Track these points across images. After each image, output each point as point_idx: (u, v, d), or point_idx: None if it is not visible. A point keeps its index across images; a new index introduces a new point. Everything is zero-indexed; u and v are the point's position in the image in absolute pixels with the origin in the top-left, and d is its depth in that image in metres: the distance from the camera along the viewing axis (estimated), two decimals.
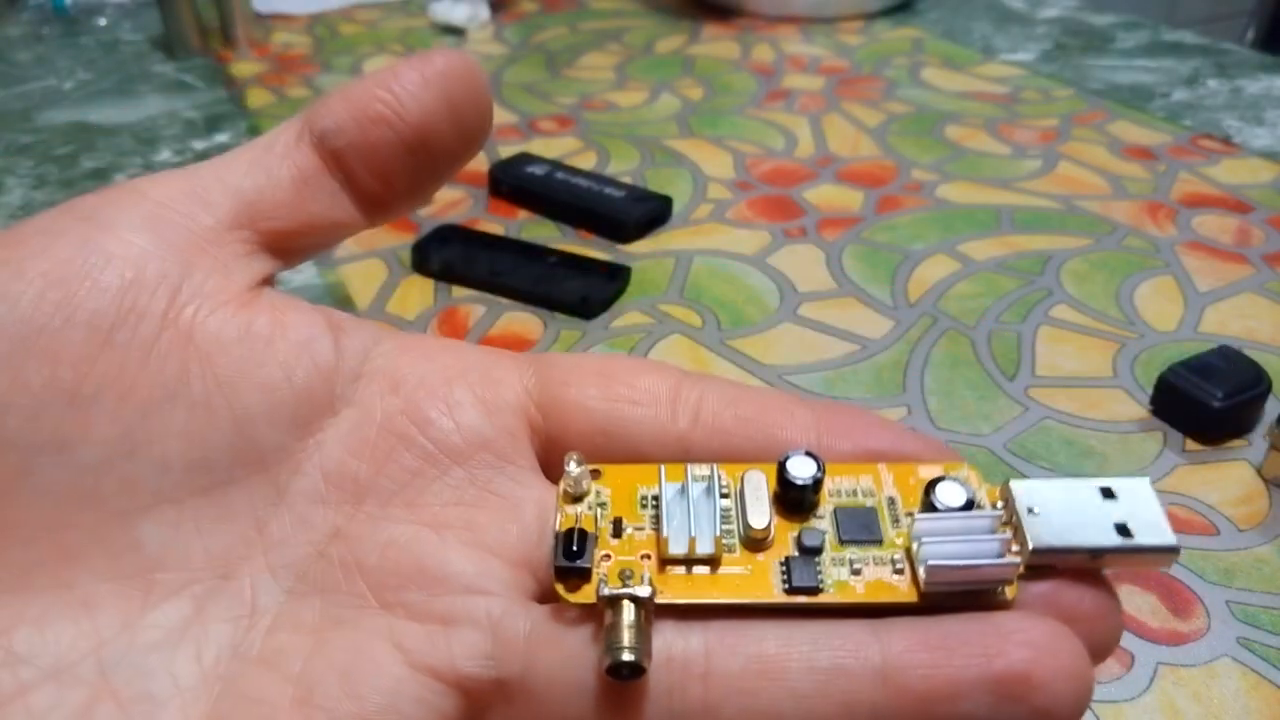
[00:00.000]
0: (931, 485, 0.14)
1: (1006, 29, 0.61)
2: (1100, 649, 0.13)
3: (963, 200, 0.40)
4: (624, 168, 0.43)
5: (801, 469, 0.14)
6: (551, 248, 0.36)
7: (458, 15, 0.61)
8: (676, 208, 0.40)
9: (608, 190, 0.39)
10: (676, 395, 0.15)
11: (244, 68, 0.56)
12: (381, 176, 0.16)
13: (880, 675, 0.12)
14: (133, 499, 0.14)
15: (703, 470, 0.15)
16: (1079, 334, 0.32)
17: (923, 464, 0.15)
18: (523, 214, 0.40)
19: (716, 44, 0.59)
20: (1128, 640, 0.21)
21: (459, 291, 0.34)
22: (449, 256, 0.35)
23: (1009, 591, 0.13)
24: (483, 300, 0.34)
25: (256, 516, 0.14)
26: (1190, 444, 0.27)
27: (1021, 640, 0.12)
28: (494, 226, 0.39)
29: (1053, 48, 0.57)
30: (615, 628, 0.13)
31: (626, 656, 0.12)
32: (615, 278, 0.34)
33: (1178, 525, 0.24)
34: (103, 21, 0.64)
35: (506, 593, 0.14)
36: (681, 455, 0.15)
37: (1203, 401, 0.26)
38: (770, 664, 0.13)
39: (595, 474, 0.15)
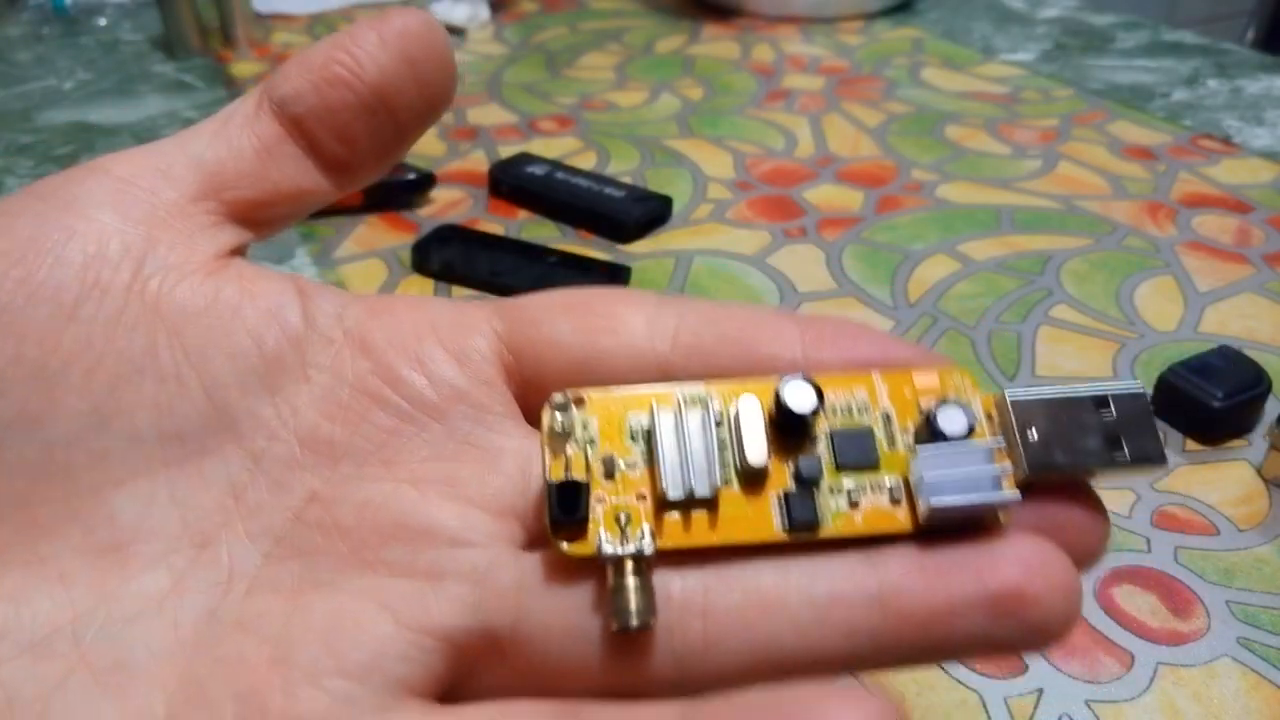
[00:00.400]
0: (933, 411, 0.14)
1: (1006, 29, 0.61)
2: (1088, 557, 0.14)
3: (963, 200, 0.40)
4: (624, 168, 0.43)
5: (800, 400, 0.14)
6: (551, 248, 0.36)
7: (457, 15, 0.61)
8: (676, 208, 0.40)
9: (608, 190, 0.39)
10: (654, 319, 0.15)
11: (244, 68, 0.56)
12: (344, 139, 0.16)
13: (878, 601, 0.13)
14: (106, 472, 0.14)
15: (693, 390, 0.14)
16: (1079, 334, 0.32)
17: (916, 371, 0.15)
18: (523, 214, 0.40)
19: (716, 44, 0.59)
20: (1128, 640, 0.21)
21: (459, 291, 0.34)
22: (449, 256, 0.35)
23: (1003, 517, 0.13)
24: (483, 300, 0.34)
25: (232, 484, 0.14)
26: (1190, 444, 0.27)
27: (1014, 559, 0.13)
28: (494, 226, 0.39)
29: (1053, 48, 0.57)
30: (620, 590, 0.12)
31: (634, 621, 0.12)
32: (615, 278, 0.34)
33: (1177, 525, 0.24)
34: (103, 21, 0.64)
35: (492, 544, 0.13)
36: (664, 380, 0.15)
37: (1203, 401, 0.26)
38: (768, 597, 0.13)
39: (579, 402, 0.14)
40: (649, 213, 0.38)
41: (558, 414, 0.14)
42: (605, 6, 0.67)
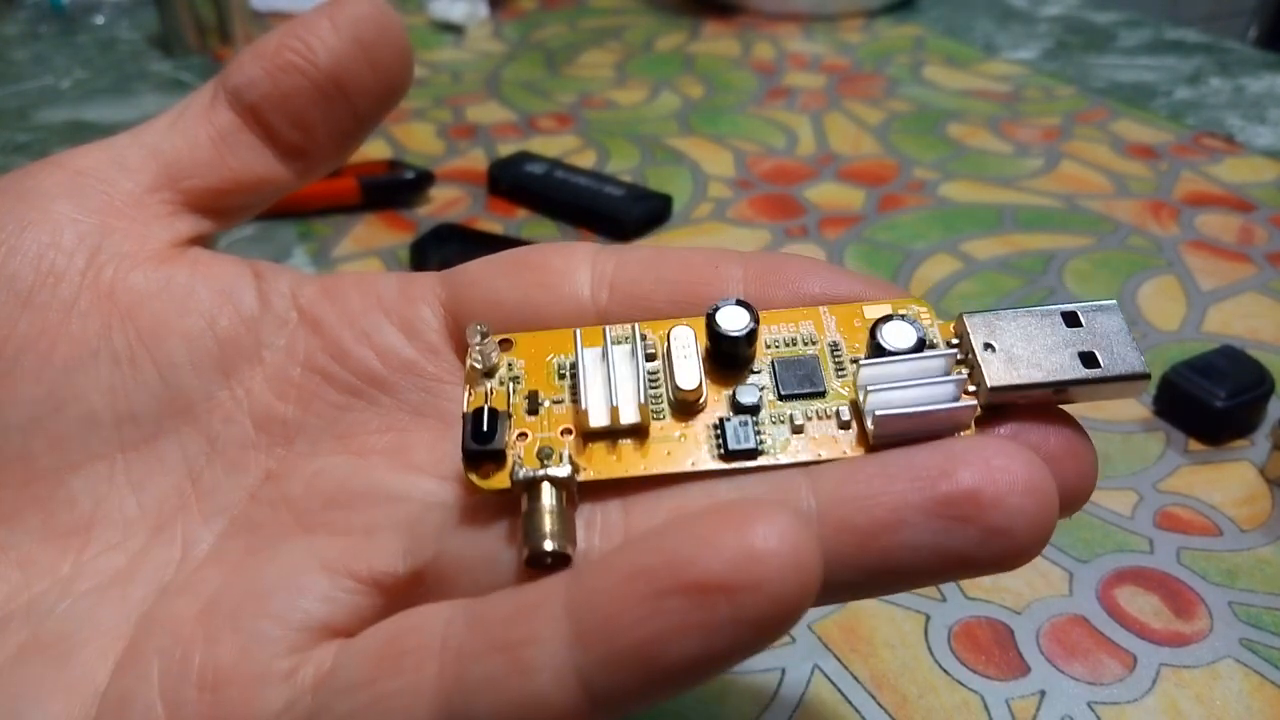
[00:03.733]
0: (877, 325, 0.13)
1: (1008, 27, 0.60)
2: (1073, 493, 0.12)
3: (965, 199, 0.40)
4: (624, 166, 0.43)
5: (732, 320, 0.13)
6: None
7: (456, 13, 0.61)
8: (677, 206, 0.40)
9: (607, 189, 0.39)
10: (590, 269, 0.15)
11: None
12: (300, 126, 0.16)
13: (814, 513, 0.11)
14: (63, 456, 0.14)
15: (623, 330, 0.13)
16: None
17: (869, 304, 0.13)
18: (522, 213, 0.40)
19: (717, 42, 0.59)
20: (1130, 641, 0.21)
21: None
22: (448, 255, 0.35)
23: (965, 434, 0.12)
24: None
25: (189, 467, 0.14)
26: (1193, 444, 0.27)
27: (971, 459, 0.11)
28: (493, 225, 0.39)
29: (1055, 46, 0.57)
30: (533, 514, 0.11)
31: (548, 545, 0.11)
32: None
33: (1180, 525, 0.24)
34: (100, 20, 0.64)
35: (430, 499, 0.13)
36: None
37: (1206, 401, 0.26)
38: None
39: (506, 345, 0.14)
40: (649, 211, 0.38)
41: (476, 347, 0.13)
42: (605, 4, 0.66)
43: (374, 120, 0.17)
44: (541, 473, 0.12)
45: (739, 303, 0.13)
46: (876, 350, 0.13)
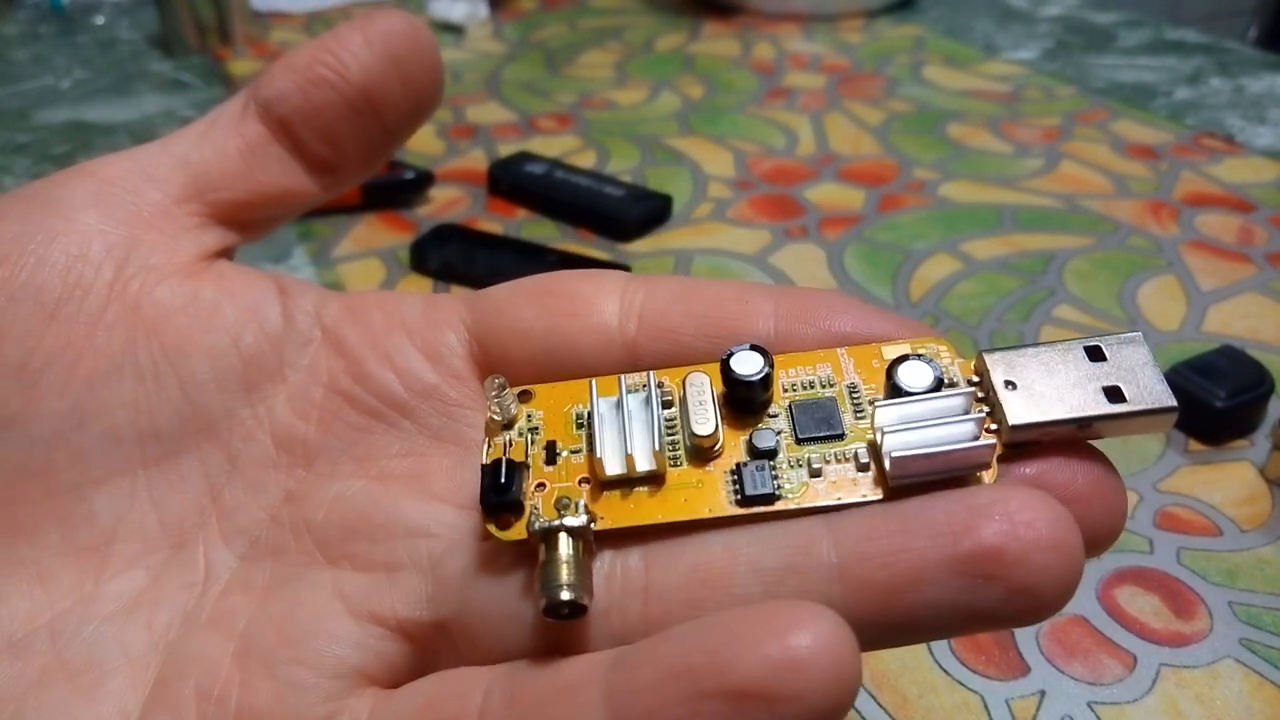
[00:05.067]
0: (894, 366, 0.12)
1: (1008, 27, 0.60)
2: (1102, 532, 0.12)
3: (965, 199, 0.40)
4: (624, 166, 0.43)
5: (746, 364, 0.12)
6: (551, 247, 0.36)
7: (456, 13, 0.61)
8: (676, 206, 0.40)
9: (607, 189, 0.39)
10: (619, 300, 0.14)
11: (242, 66, 0.56)
12: (329, 140, 0.16)
13: (836, 570, 0.11)
14: (85, 471, 0.14)
15: (639, 379, 0.13)
16: (1082, 333, 0.31)
17: (888, 344, 0.13)
18: (522, 213, 0.40)
19: (717, 42, 0.59)
20: (1130, 642, 0.21)
21: (458, 290, 0.34)
22: (448, 256, 0.35)
23: (987, 477, 0.12)
24: None
25: (210, 484, 0.14)
26: (1193, 444, 0.27)
27: (994, 513, 0.11)
28: (493, 225, 0.39)
29: (1055, 46, 0.57)
30: (550, 564, 0.11)
31: (564, 595, 0.11)
32: None
33: (1180, 525, 0.24)
34: (100, 20, 0.64)
35: (451, 534, 0.13)
36: (630, 363, 0.14)
37: (1206, 402, 0.26)
38: (714, 572, 0.12)
39: (526, 396, 0.14)
40: (649, 211, 0.38)
41: (494, 399, 0.13)
42: (605, 4, 0.66)
43: (403, 135, 0.17)
44: (557, 523, 0.12)
45: (753, 347, 0.13)
46: (894, 391, 0.12)
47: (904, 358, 0.13)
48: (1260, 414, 0.27)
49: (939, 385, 0.12)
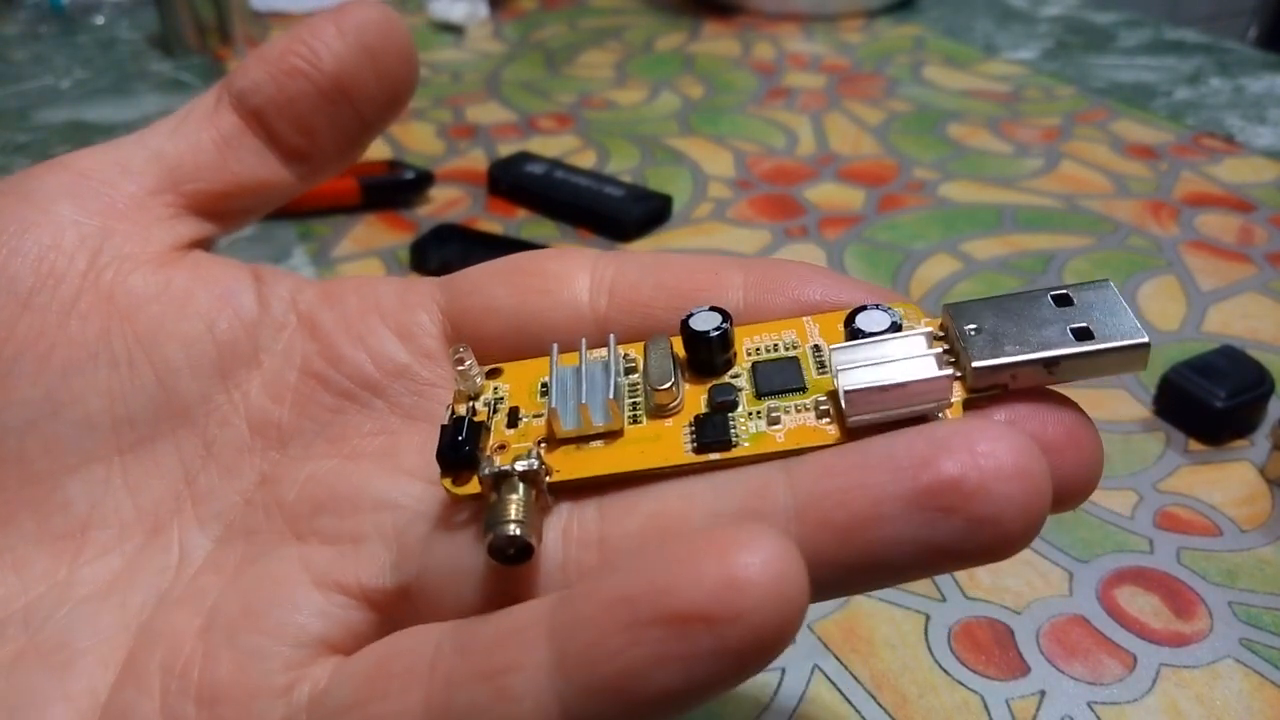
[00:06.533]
0: (853, 315, 0.12)
1: (1008, 27, 0.60)
2: (1077, 484, 0.11)
3: (965, 199, 0.40)
4: (624, 166, 0.43)
5: (704, 322, 0.12)
6: (551, 247, 0.36)
7: (456, 13, 0.61)
8: (677, 206, 0.40)
9: (607, 189, 0.39)
10: (589, 275, 0.14)
11: None
12: (304, 130, 0.16)
13: (793, 511, 0.11)
14: (59, 459, 0.14)
15: (601, 352, 0.13)
16: None
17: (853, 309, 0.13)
18: (522, 213, 0.40)
19: (717, 42, 0.59)
20: (1130, 642, 0.21)
21: None
22: (448, 255, 0.35)
23: (950, 416, 0.11)
24: None
25: (185, 470, 0.14)
26: (1193, 444, 0.27)
27: (954, 445, 0.10)
28: (493, 225, 0.39)
29: (1055, 46, 0.57)
30: (497, 503, 0.11)
31: (510, 530, 0.11)
32: None
33: (1180, 525, 0.24)
34: (100, 20, 0.64)
35: (418, 506, 0.13)
36: (602, 338, 0.14)
37: (1206, 402, 0.26)
38: (670, 520, 0.11)
39: (495, 373, 0.14)
40: (649, 211, 0.38)
41: (457, 370, 0.13)
42: (605, 4, 0.66)
43: (378, 126, 0.17)
44: (508, 467, 0.12)
45: (713, 309, 0.13)
46: (852, 336, 0.12)
47: (862, 308, 0.13)
48: (1260, 414, 0.27)
49: (897, 330, 0.12)
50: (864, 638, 0.21)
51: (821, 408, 0.12)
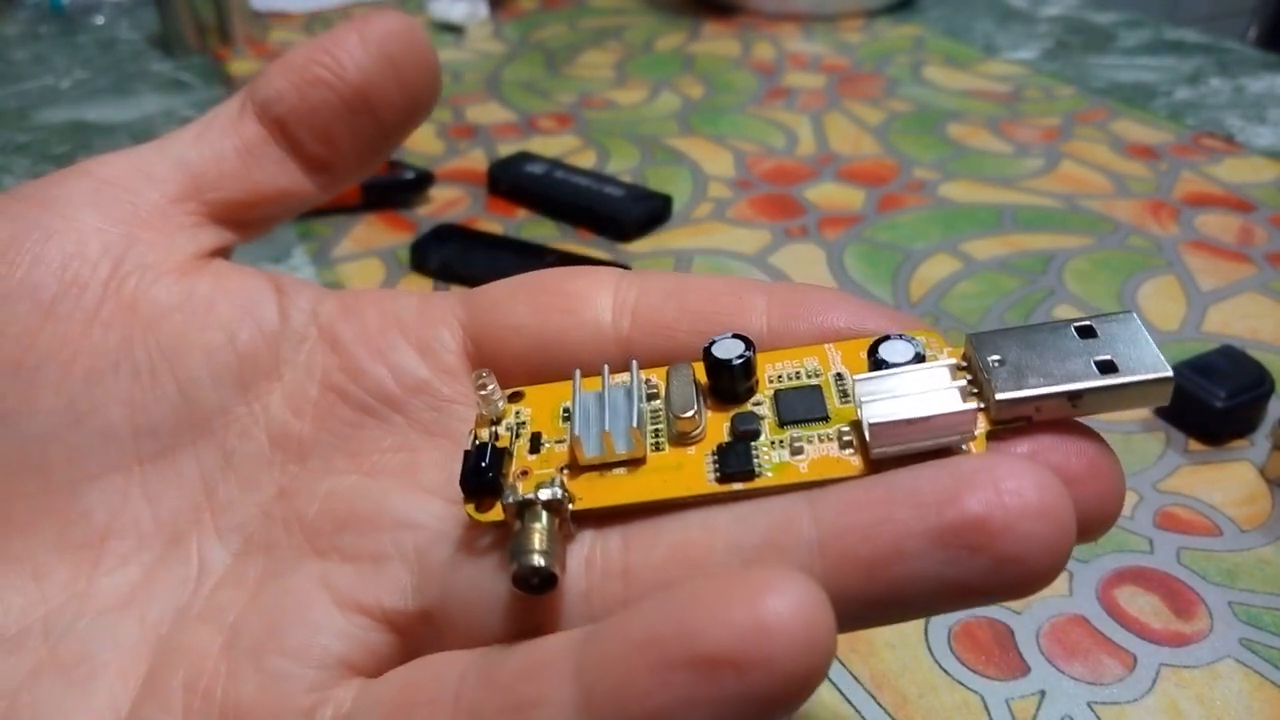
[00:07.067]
0: (876, 345, 0.12)
1: (1008, 27, 0.60)
2: (1099, 516, 0.11)
3: (965, 199, 0.40)
4: (624, 166, 0.43)
5: (727, 350, 0.12)
6: (551, 247, 0.36)
7: (456, 13, 0.61)
8: (677, 206, 0.40)
9: (607, 189, 0.39)
10: (612, 296, 0.14)
11: (242, 66, 0.56)
12: (326, 140, 0.16)
13: (816, 545, 0.11)
14: (80, 468, 0.14)
15: (624, 377, 0.13)
16: None
17: (875, 337, 0.13)
18: (522, 213, 0.40)
19: (717, 42, 0.59)
20: (1130, 642, 0.21)
21: (458, 290, 0.34)
22: (448, 255, 0.35)
23: (974, 448, 0.11)
24: None
25: (204, 481, 0.14)
26: (1193, 444, 0.27)
27: (979, 481, 0.10)
28: (493, 225, 0.39)
29: (1055, 46, 0.57)
30: (521, 533, 0.11)
31: (534, 561, 0.11)
32: None
33: (1180, 525, 0.24)
34: (100, 20, 0.64)
35: (439, 526, 0.13)
36: (624, 360, 0.14)
37: (1206, 402, 0.26)
38: (693, 551, 0.11)
39: (517, 397, 0.14)
40: (649, 211, 0.38)
41: (479, 392, 0.13)
42: (605, 4, 0.66)
43: (400, 136, 0.17)
44: (531, 495, 0.12)
45: (735, 336, 0.13)
46: (875, 367, 0.12)
47: (885, 338, 0.13)
48: (1260, 414, 0.27)
49: (920, 360, 0.12)
50: (864, 638, 0.21)
51: (845, 437, 0.12)
